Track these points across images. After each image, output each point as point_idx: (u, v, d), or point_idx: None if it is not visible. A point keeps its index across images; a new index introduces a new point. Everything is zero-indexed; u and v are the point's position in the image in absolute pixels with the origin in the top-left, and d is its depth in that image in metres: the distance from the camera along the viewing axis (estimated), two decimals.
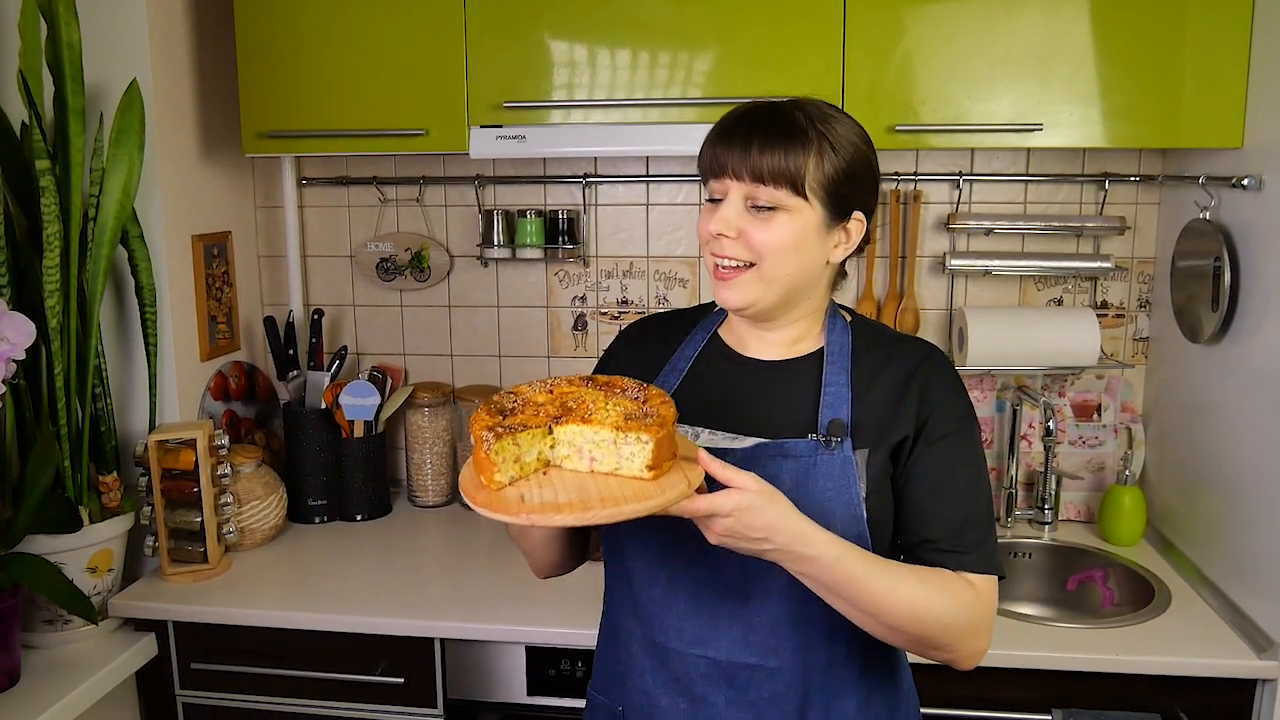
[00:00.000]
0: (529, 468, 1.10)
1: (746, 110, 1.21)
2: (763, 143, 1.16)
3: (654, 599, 1.25)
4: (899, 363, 1.25)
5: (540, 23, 1.93)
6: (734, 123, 1.20)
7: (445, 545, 2.18)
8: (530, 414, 1.12)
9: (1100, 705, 1.69)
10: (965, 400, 1.26)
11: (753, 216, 1.18)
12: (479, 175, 2.35)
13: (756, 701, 1.22)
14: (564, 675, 1.81)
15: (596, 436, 1.08)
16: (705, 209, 1.23)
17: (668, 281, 2.36)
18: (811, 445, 1.20)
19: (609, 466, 1.08)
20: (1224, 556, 1.86)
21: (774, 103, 1.22)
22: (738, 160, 1.17)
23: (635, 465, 1.06)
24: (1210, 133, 1.83)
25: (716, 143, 1.20)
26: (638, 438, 1.05)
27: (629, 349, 1.39)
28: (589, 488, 1.06)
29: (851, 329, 1.29)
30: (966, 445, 1.24)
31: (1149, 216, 2.20)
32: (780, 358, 1.28)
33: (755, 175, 1.16)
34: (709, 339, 1.33)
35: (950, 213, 2.22)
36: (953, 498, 1.21)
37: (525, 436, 1.09)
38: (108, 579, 1.89)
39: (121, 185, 1.86)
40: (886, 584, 1.11)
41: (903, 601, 1.11)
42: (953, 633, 1.15)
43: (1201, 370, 1.97)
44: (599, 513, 1.01)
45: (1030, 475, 2.27)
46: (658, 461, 1.06)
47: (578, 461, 1.10)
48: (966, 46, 1.85)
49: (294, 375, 2.32)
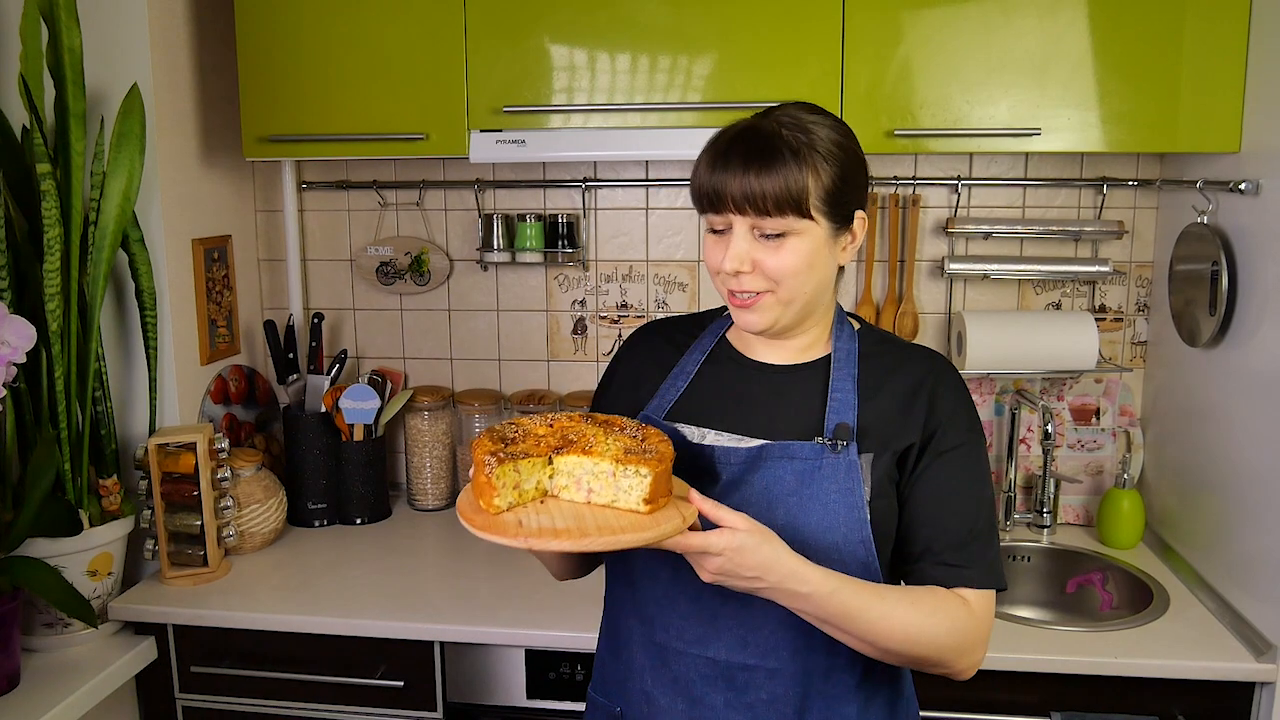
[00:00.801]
0: (527, 495, 1.12)
1: (733, 139, 1.18)
2: (759, 172, 1.14)
3: (656, 598, 1.25)
4: (906, 370, 1.26)
5: (540, 27, 1.94)
6: (723, 153, 1.17)
7: (445, 549, 2.18)
8: (531, 444, 1.15)
9: (1099, 708, 1.70)
10: (973, 413, 1.26)
11: (762, 245, 1.18)
12: (479, 179, 2.35)
13: (755, 704, 1.22)
14: (563, 678, 1.81)
15: (596, 468, 1.11)
16: (711, 240, 1.21)
17: (667, 285, 2.36)
18: (817, 448, 1.20)
19: (606, 498, 1.11)
20: (1222, 560, 1.86)
21: (755, 126, 1.19)
22: (738, 194, 1.15)
23: (633, 498, 1.09)
24: (1208, 137, 1.83)
25: (711, 176, 1.17)
26: (636, 471, 1.08)
27: (636, 353, 1.39)
28: (586, 517, 1.09)
29: (859, 336, 1.30)
30: (974, 458, 1.24)
31: (1147, 221, 2.21)
32: (788, 362, 1.28)
33: (759, 208, 1.15)
34: (716, 343, 1.34)
35: (949, 217, 2.22)
36: (958, 510, 1.21)
37: (526, 464, 1.11)
38: (108, 582, 1.89)
39: (122, 189, 1.86)
40: (881, 613, 1.13)
41: (896, 629, 1.13)
42: (947, 652, 1.17)
43: (1199, 374, 1.98)
44: (595, 540, 1.04)
45: (1029, 479, 2.27)
46: (654, 496, 1.08)
47: (575, 492, 1.13)
48: (965, 51, 1.86)
49: (294, 379, 2.33)
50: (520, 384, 2.45)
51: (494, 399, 2.37)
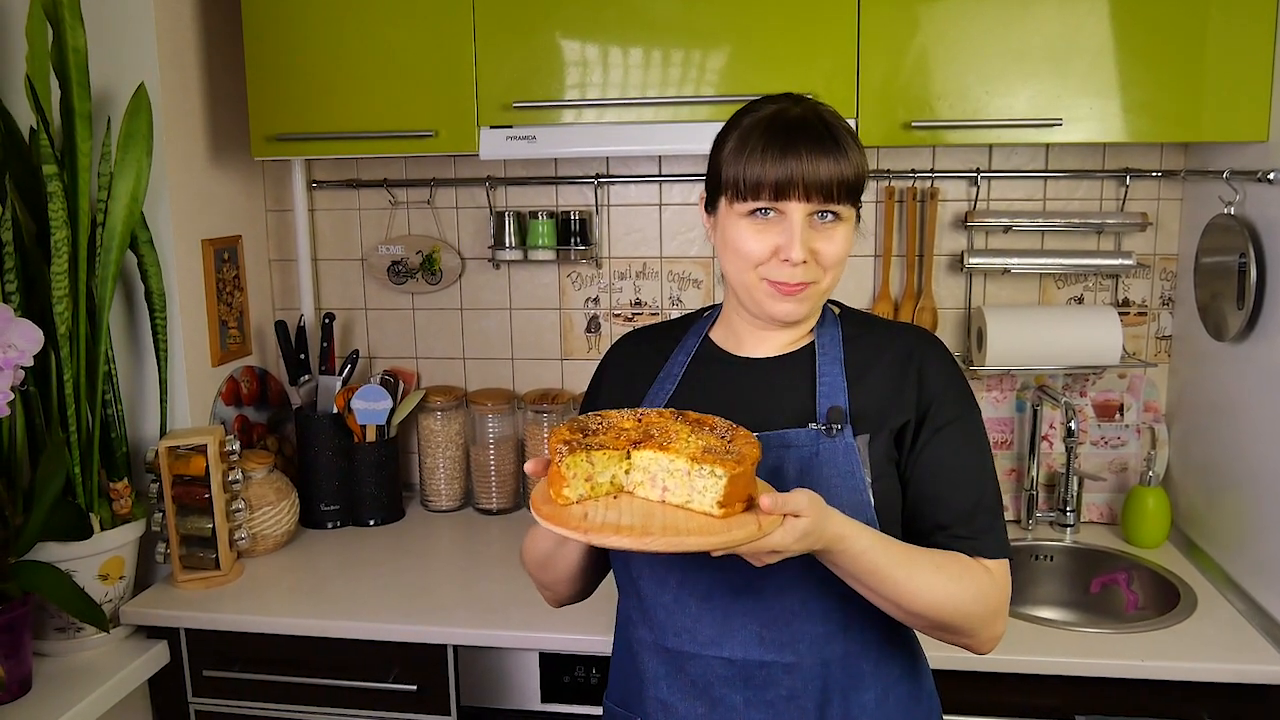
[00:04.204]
0: (601, 489, 1.09)
1: (792, 125, 1.16)
2: (831, 158, 1.15)
3: (665, 604, 1.23)
4: (892, 349, 1.26)
5: (550, 22, 1.91)
6: (786, 140, 1.15)
7: (458, 550, 2.16)
8: (611, 436, 1.11)
9: (1124, 712, 1.66)
10: (964, 383, 1.26)
11: (816, 232, 1.18)
12: (490, 176, 2.33)
13: (775, 700, 1.21)
14: (578, 682, 1.79)
15: (672, 465, 1.06)
16: (750, 229, 1.18)
17: (681, 282, 2.34)
18: (812, 434, 1.20)
19: (681, 498, 1.07)
20: (1250, 559, 1.83)
21: (804, 115, 1.18)
22: (810, 179, 1.14)
23: (707, 500, 1.04)
24: (1234, 126, 1.79)
25: (777, 163, 1.15)
26: (712, 471, 1.03)
27: (620, 362, 1.38)
28: (655, 516, 1.05)
29: (840, 319, 1.30)
30: (972, 429, 1.24)
31: (1171, 212, 2.16)
32: (774, 354, 1.28)
33: (826, 194, 1.15)
34: (700, 343, 1.33)
35: (968, 210, 2.19)
36: (963, 483, 1.21)
37: (600, 456, 1.08)
38: (119, 586, 1.88)
39: (130, 190, 1.85)
40: (909, 574, 1.12)
41: (924, 590, 1.13)
42: (972, 619, 1.16)
43: (1226, 369, 1.94)
44: (658, 540, 0.99)
45: (1051, 477, 2.24)
46: (729, 500, 1.03)
47: (650, 490, 1.09)
48: (983, 41, 1.82)
49: (306, 380, 2.31)
50: (533, 383, 2.43)
51: (507, 398, 2.35)
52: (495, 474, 2.34)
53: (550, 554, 1.30)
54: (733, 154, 1.19)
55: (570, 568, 1.31)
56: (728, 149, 1.20)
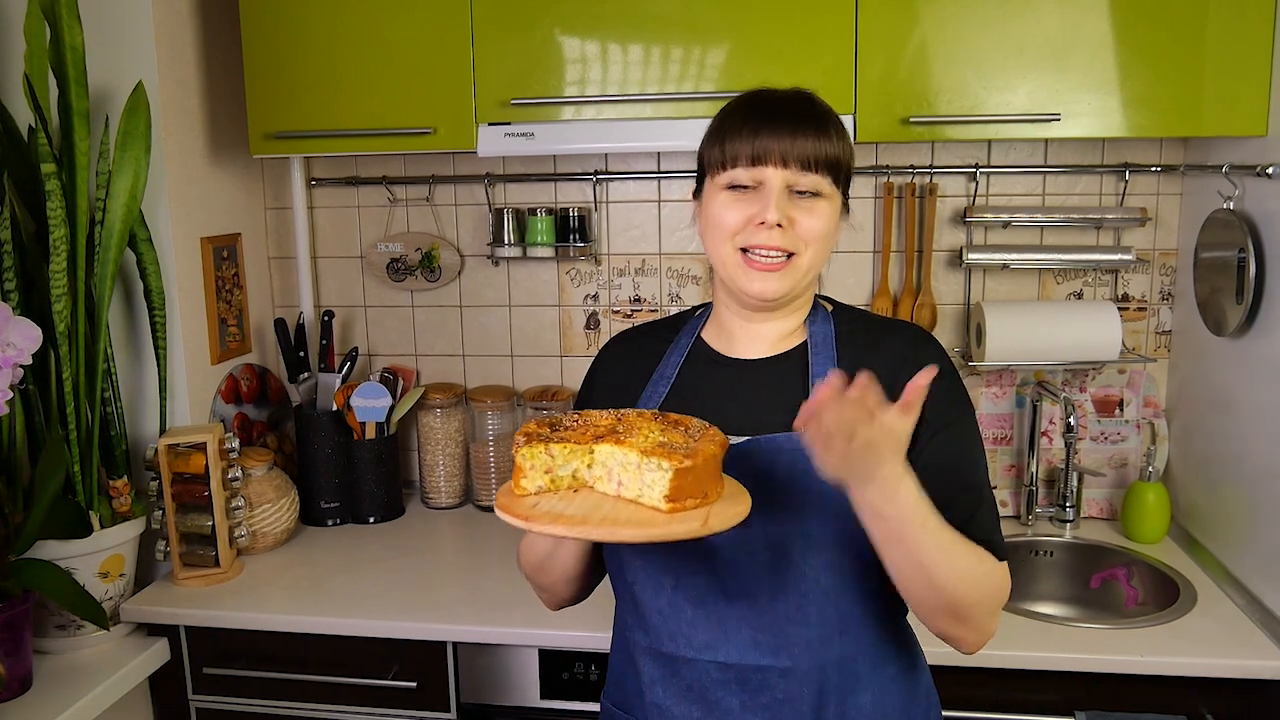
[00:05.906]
0: (561, 483, 1.09)
1: (774, 101, 1.20)
2: (808, 130, 1.17)
3: (660, 609, 1.23)
4: (887, 347, 1.24)
5: (548, 18, 1.91)
6: (767, 112, 1.19)
7: (458, 547, 2.16)
8: (579, 432, 1.11)
9: (1124, 707, 1.66)
10: (960, 384, 1.25)
11: (795, 203, 1.18)
12: (488, 173, 2.33)
13: (771, 704, 1.20)
14: (577, 679, 1.79)
15: (625, 459, 1.07)
16: (727, 199, 1.20)
17: (680, 279, 2.33)
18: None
19: (633, 492, 1.07)
20: (1251, 554, 1.82)
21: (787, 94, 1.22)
22: (787, 147, 1.16)
23: (654, 494, 1.04)
24: (1233, 120, 1.78)
25: (754, 133, 1.17)
26: (659, 464, 1.03)
27: (612, 364, 1.38)
28: (601, 508, 1.05)
29: (833, 316, 1.29)
30: (969, 429, 1.24)
31: (1171, 207, 2.16)
32: (767, 355, 1.27)
33: (804, 162, 1.16)
34: (693, 343, 1.32)
35: (967, 206, 2.18)
36: (964, 484, 1.20)
37: (560, 449, 1.08)
38: (119, 584, 1.89)
39: (128, 188, 1.85)
40: (953, 539, 1.11)
41: (957, 558, 1.11)
42: (982, 606, 1.15)
43: (1226, 363, 1.93)
44: (594, 530, 1.00)
45: (1051, 472, 2.24)
46: (678, 494, 1.03)
47: (607, 484, 1.09)
48: (981, 36, 1.82)
49: (305, 377, 2.31)
50: (533, 380, 2.43)
51: (507, 395, 2.35)
52: (495, 471, 2.34)
53: (546, 557, 1.30)
54: (714, 131, 1.22)
55: (566, 570, 1.30)
56: (710, 129, 1.23)
